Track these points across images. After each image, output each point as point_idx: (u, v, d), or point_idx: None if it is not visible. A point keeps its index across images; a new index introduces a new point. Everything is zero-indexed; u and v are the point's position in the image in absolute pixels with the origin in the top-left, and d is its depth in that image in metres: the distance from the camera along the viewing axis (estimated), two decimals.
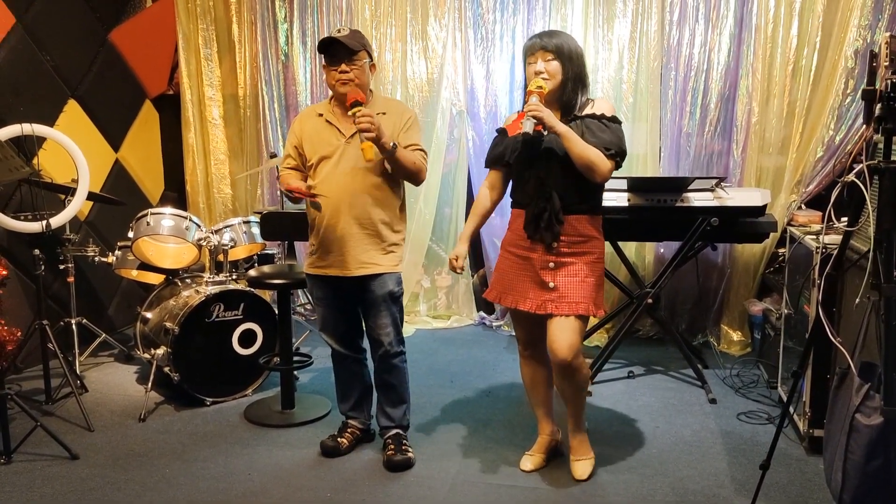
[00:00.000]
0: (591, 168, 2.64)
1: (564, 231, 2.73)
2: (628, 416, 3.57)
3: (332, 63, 2.90)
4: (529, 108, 2.62)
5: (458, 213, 5.12)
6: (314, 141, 2.99)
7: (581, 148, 2.62)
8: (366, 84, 2.95)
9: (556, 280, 2.75)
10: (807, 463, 3.02)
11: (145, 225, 3.91)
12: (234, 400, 3.80)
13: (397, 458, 3.01)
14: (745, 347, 4.57)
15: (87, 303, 4.64)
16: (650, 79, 4.56)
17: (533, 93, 2.66)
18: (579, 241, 2.75)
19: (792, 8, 4.31)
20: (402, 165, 2.86)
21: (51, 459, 3.13)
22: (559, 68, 2.72)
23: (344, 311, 3.12)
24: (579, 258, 2.76)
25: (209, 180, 5.35)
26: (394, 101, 3.12)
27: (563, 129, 2.63)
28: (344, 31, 2.90)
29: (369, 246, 2.95)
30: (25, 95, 4.23)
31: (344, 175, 2.92)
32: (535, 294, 2.79)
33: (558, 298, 2.75)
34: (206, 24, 5.18)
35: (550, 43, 2.72)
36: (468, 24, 4.87)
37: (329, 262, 3.00)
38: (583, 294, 2.74)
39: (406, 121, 2.97)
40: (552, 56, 2.71)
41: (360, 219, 2.93)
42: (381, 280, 2.97)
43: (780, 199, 4.40)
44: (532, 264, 2.79)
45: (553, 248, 2.74)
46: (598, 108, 2.75)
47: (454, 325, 5.18)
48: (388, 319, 3.02)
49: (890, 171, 1.94)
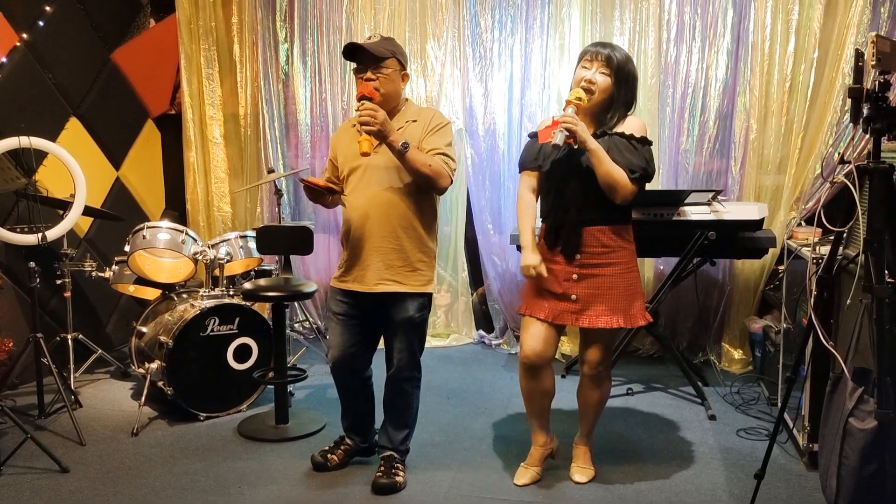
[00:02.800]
0: (613, 188, 2.61)
1: (586, 242, 2.70)
2: (625, 431, 3.53)
3: (360, 70, 2.80)
4: (565, 119, 2.54)
5: (458, 231, 5.11)
6: (346, 153, 2.92)
7: (607, 167, 2.57)
8: (394, 92, 2.82)
9: (579, 292, 2.72)
10: (806, 478, 2.96)
11: (141, 238, 3.91)
12: (229, 415, 3.77)
13: (383, 481, 2.92)
14: (747, 365, 4.51)
15: (85, 319, 4.64)
16: (648, 96, 4.57)
17: (571, 103, 2.59)
18: (603, 252, 2.71)
19: (789, 25, 4.33)
20: (414, 167, 2.72)
21: (41, 472, 3.09)
22: (610, 86, 2.65)
23: (356, 329, 2.98)
24: (603, 269, 2.72)
25: (209, 198, 5.37)
26: (428, 110, 2.98)
27: (594, 145, 2.57)
28: (374, 38, 2.81)
29: (394, 260, 2.84)
30: (27, 112, 4.27)
31: (370, 186, 2.83)
32: (553, 304, 2.75)
33: (579, 311, 2.73)
34: (207, 45, 5.24)
35: (614, 57, 2.65)
36: (467, 42, 4.91)
37: (352, 276, 2.91)
38: (606, 307, 2.71)
39: (435, 125, 2.84)
40: (609, 71, 2.64)
41: (385, 230, 2.82)
42: (402, 303, 2.86)
43: (779, 216, 4.38)
44: (555, 275, 2.75)
45: (575, 259, 2.72)
46: (629, 128, 2.68)
47: (453, 343, 5.14)
48: (404, 344, 2.91)
49: (879, 172, 1.93)
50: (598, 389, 2.93)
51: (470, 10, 4.88)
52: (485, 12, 4.87)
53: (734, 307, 4.59)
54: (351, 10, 5.02)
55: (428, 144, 2.81)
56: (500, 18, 4.85)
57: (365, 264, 2.87)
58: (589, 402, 2.97)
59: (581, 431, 3.04)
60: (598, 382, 2.91)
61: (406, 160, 2.71)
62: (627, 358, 4.55)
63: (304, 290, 3.54)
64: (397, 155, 2.71)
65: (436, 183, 2.80)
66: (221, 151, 5.37)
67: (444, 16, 4.91)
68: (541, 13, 4.74)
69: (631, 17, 4.57)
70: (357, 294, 2.92)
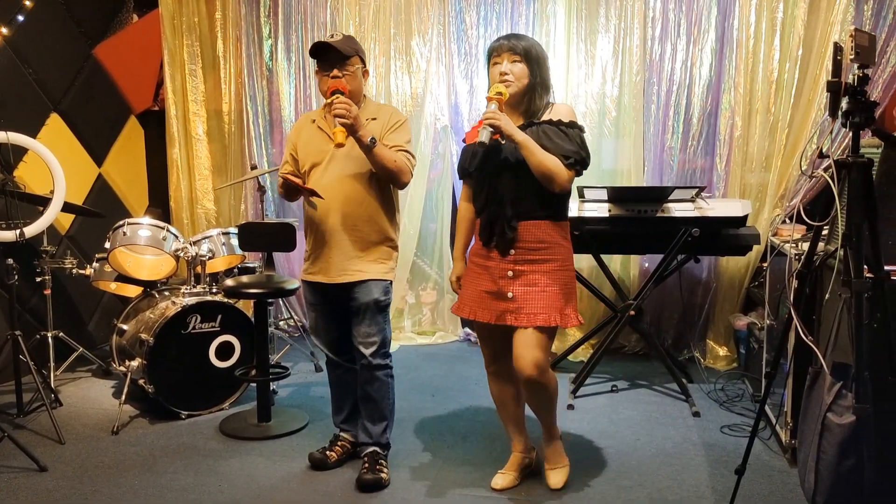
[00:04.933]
0: (549, 178, 2.56)
1: (521, 237, 2.63)
2: (609, 428, 3.52)
3: (324, 68, 2.85)
4: (486, 116, 2.51)
5: (443, 228, 5.09)
6: (307, 147, 2.97)
7: (539, 157, 2.54)
8: (358, 89, 2.90)
9: (515, 290, 2.65)
10: (788, 474, 2.96)
11: (122, 235, 3.87)
12: (211, 413, 3.73)
13: (367, 477, 2.90)
14: (732, 362, 4.52)
15: (66, 317, 4.59)
16: (633, 94, 4.57)
17: (492, 99, 2.56)
18: (539, 248, 2.65)
19: (773, 23, 4.33)
20: (381, 162, 2.78)
21: (18, 471, 3.05)
22: (525, 71, 2.63)
23: (333, 316, 3.04)
24: (539, 266, 2.65)
25: (193, 195, 5.33)
26: (387, 107, 3.05)
27: (522, 137, 2.54)
28: (337, 37, 2.86)
29: (355, 253, 2.90)
30: (7, 107, 4.22)
31: (333, 180, 2.88)
32: (493, 304, 2.69)
33: (517, 309, 2.64)
34: (191, 41, 5.20)
35: (518, 45, 2.63)
36: (452, 39, 4.89)
37: (317, 269, 2.96)
38: (543, 304, 2.62)
39: (394, 122, 2.91)
40: (519, 58, 2.62)
41: (347, 225, 2.88)
42: (366, 287, 2.91)
43: (763, 213, 4.38)
44: (490, 273, 2.70)
45: (509, 255, 2.65)
46: (557, 114, 2.65)
47: (439, 340, 5.12)
48: (374, 328, 2.93)
49: (858, 166, 1.92)
50: (541, 393, 2.73)
51: (455, 7, 4.87)
52: (470, 9, 4.85)
53: (719, 304, 4.60)
54: (336, 6, 5.00)
55: (389, 141, 2.87)
56: (485, 15, 4.84)
57: (328, 256, 2.92)
58: (535, 406, 2.81)
59: (543, 431, 2.90)
60: (539, 388, 2.70)
61: (373, 155, 2.76)
62: (612, 355, 4.54)
63: (286, 287, 3.51)
64: (365, 150, 2.75)
65: (399, 178, 2.87)
66: (205, 148, 5.33)
67: (430, 12, 4.89)
68: (526, 10, 4.74)
69: (616, 13, 4.57)
70: (324, 285, 2.96)
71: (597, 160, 4.47)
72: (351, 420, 3.18)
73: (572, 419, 3.61)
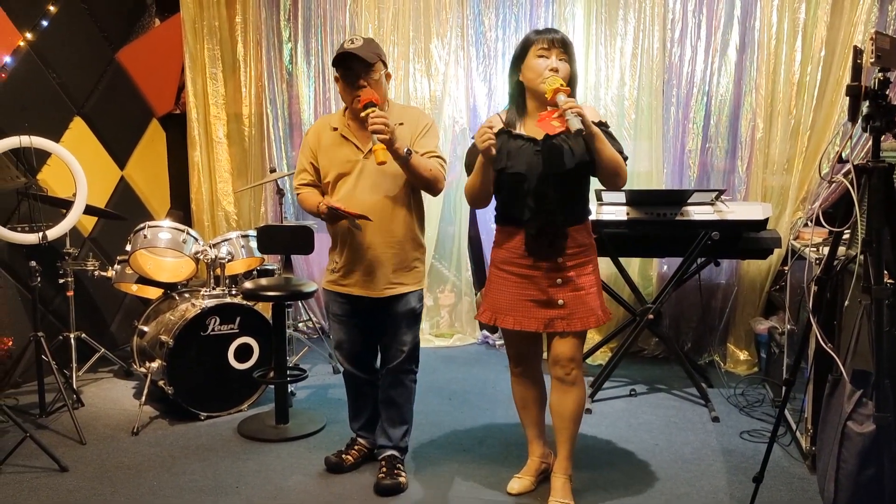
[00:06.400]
0: (617, 173, 2.53)
1: (567, 244, 2.63)
2: (627, 433, 3.49)
3: (349, 77, 2.76)
4: (571, 105, 2.35)
5: (461, 231, 5.09)
6: (330, 157, 2.88)
7: (610, 150, 2.48)
8: (384, 95, 2.83)
9: (565, 296, 2.63)
10: (809, 482, 2.92)
11: (142, 238, 3.91)
12: (229, 415, 3.76)
13: (386, 482, 2.91)
14: (753, 367, 4.47)
15: (89, 318, 4.65)
16: (653, 95, 4.54)
17: (560, 90, 2.42)
18: (579, 252, 2.65)
19: (795, 24, 4.28)
20: (418, 173, 2.74)
21: (40, 471, 3.10)
22: (569, 70, 2.53)
23: (362, 330, 3.01)
24: (582, 269, 2.65)
25: (214, 198, 5.37)
26: (411, 109, 3.00)
27: (596, 130, 2.47)
28: (357, 42, 2.76)
29: (396, 265, 2.87)
30: (31, 112, 4.27)
31: (366, 192, 2.81)
32: (541, 313, 2.66)
33: (568, 315, 2.63)
34: (212, 44, 5.24)
35: (567, 40, 2.55)
36: (470, 42, 4.90)
37: (354, 281, 2.90)
38: (591, 307, 2.65)
39: (423, 127, 2.85)
40: (566, 57, 2.53)
41: (386, 237, 2.83)
42: (405, 299, 2.90)
43: (785, 216, 4.33)
44: (536, 283, 2.65)
45: (557, 263, 2.63)
46: (590, 115, 2.55)
47: (457, 343, 5.12)
48: (409, 336, 2.94)
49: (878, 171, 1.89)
50: (571, 394, 2.69)
51: (474, 10, 4.87)
52: (489, 11, 4.85)
53: (740, 308, 4.55)
54: (355, 9, 5.02)
55: (420, 147, 2.81)
56: (503, 17, 4.84)
57: (371, 269, 2.86)
58: (564, 413, 2.72)
59: (559, 454, 2.78)
60: (570, 385, 2.68)
61: (410, 166, 2.72)
62: (631, 358, 4.51)
63: (303, 289, 3.53)
64: (402, 163, 2.70)
65: (434, 186, 2.84)
66: (225, 151, 5.37)
67: (448, 15, 4.89)
68: (545, 12, 4.72)
69: (635, 16, 4.54)
70: (361, 298, 2.92)
71: None
72: (368, 427, 3.18)
73: (590, 423, 3.59)
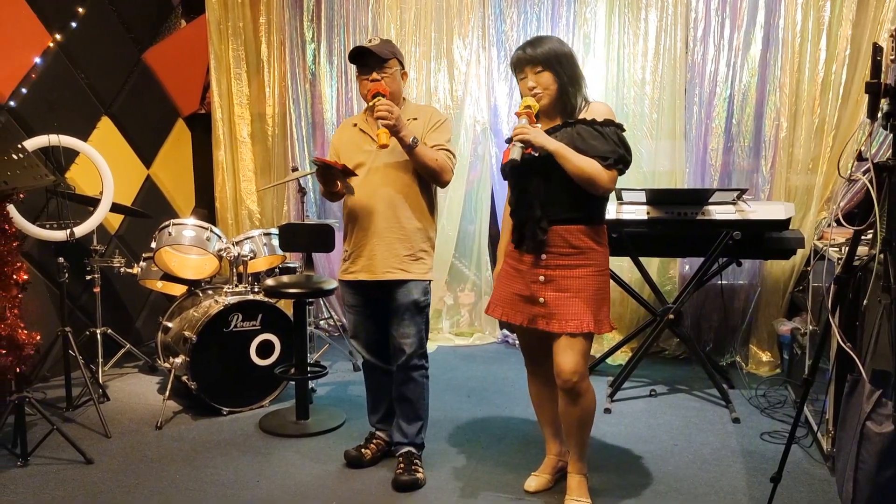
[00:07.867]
0: (589, 182, 2.49)
1: (553, 243, 2.58)
2: (646, 433, 3.48)
3: (364, 72, 2.94)
4: (515, 132, 2.47)
5: (482, 229, 5.11)
6: (349, 149, 3.03)
7: (576, 163, 2.47)
8: (398, 91, 2.98)
9: (546, 295, 2.61)
10: (829, 483, 2.89)
11: (167, 235, 3.97)
12: (251, 410, 3.81)
13: (404, 477, 2.94)
14: (775, 368, 4.43)
15: (115, 314, 4.73)
16: (675, 94, 4.52)
17: (521, 114, 2.51)
18: (572, 254, 2.59)
19: (820, 22, 4.24)
20: (423, 162, 2.84)
21: (66, 463, 3.16)
22: (551, 78, 2.55)
23: (373, 318, 3.08)
24: (571, 271, 2.59)
25: (238, 197, 5.44)
26: (427, 108, 3.11)
27: (555, 146, 2.48)
28: (375, 41, 2.94)
29: (399, 250, 2.93)
30: (60, 111, 4.37)
31: (375, 179, 2.93)
32: (525, 308, 2.67)
33: (548, 315, 2.61)
34: (236, 45, 5.31)
35: (536, 54, 2.55)
36: (492, 42, 4.91)
37: (359, 267, 2.99)
38: (575, 310, 2.57)
39: (435, 121, 2.97)
40: (541, 67, 2.55)
41: (391, 222, 2.92)
42: (407, 287, 2.95)
43: (809, 216, 4.29)
44: (522, 277, 2.67)
45: (541, 260, 2.61)
46: (592, 113, 2.57)
47: (477, 342, 5.14)
48: (412, 329, 2.97)
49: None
50: (577, 405, 2.63)
51: (495, 10, 4.89)
52: (510, 10, 4.86)
53: (763, 308, 4.51)
54: (377, 9, 5.06)
55: (430, 140, 2.92)
56: (525, 17, 4.84)
57: (371, 254, 2.95)
58: (570, 420, 2.68)
59: (571, 456, 2.78)
60: (575, 396, 2.61)
61: (415, 155, 2.82)
62: (652, 358, 4.50)
63: (324, 287, 3.56)
64: (407, 149, 2.81)
65: (440, 177, 2.92)
66: (249, 150, 5.44)
67: (470, 15, 4.91)
68: (566, 11, 4.73)
69: (657, 15, 4.52)
70: (365, 284, 2.99)
71: (637, 162, 4.42)
72: (386, 420, 3.22)
73: (609, 423, 3.59)
